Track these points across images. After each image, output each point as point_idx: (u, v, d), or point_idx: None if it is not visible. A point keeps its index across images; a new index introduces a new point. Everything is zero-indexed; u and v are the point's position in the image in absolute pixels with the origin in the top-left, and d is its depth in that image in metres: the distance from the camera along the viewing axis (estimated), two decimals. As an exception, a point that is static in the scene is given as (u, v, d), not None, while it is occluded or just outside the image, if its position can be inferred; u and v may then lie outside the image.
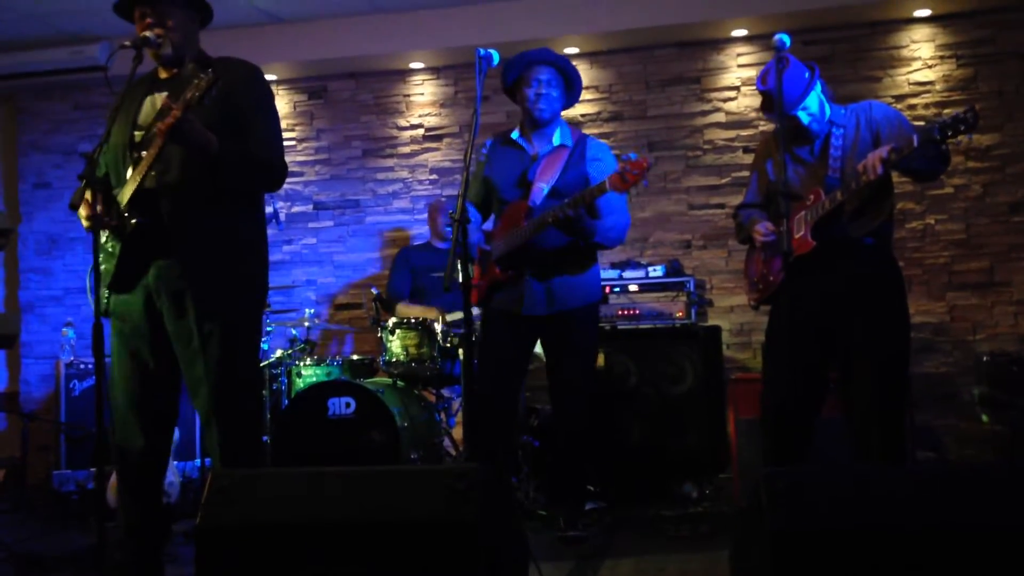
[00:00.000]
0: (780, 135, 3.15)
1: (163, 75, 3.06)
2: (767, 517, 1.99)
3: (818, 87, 3.26)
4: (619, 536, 4.01)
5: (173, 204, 2.91)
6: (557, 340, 3.79)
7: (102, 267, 2.99)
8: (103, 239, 3.00)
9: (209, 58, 3.09)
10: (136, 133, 2.97)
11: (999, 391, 4.48)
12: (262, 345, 5.20)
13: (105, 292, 2.99)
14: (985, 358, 4.69)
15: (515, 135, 3.85)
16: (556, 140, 3.78)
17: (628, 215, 3.81)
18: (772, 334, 3.45)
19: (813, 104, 3.25)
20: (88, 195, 2.82)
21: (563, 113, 3.89)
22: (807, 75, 3.25)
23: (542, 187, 3.69)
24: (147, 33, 2.94)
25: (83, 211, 2.89)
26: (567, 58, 3.85)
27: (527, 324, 3.74)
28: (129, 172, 2.91)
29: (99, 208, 2.83)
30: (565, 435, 3.82)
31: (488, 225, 3.91)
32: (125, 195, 2.89)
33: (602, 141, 3.99)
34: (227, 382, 2.93)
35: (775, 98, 3.20)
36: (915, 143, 2.92)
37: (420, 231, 5.99)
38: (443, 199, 5.66)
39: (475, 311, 4.37)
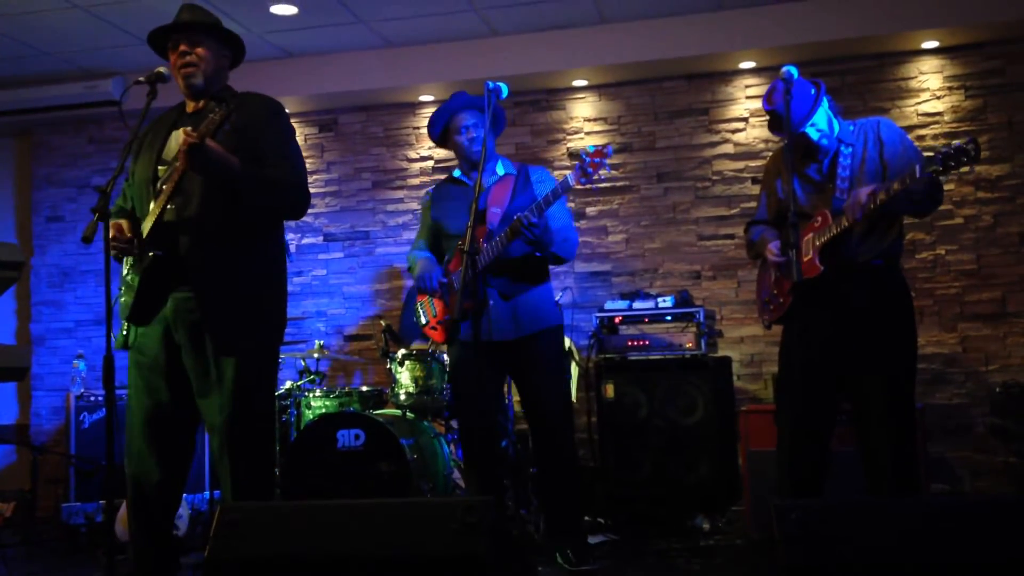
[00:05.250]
0: (788, 159, 3.15)
1: (190, 108, 3.11)
2: (781, 552, 1.97)
3: (825, 103, 3.27)
4: (630, 569, 3.97)
5: (191, 238, 2.92)
6: (526, 366, 3.79)
7: (121, 299, 3.02)
8: (124, 271, 3.03)
9: (234, 93, 3.12)
10: (160, 168, 3.00)
11: (1012, 422, 4.44)
12: (276, 378, 5.20)
13: (125, 325, 3.01)
14: (998, 389, 4.66)
15: (457, 174, 3.96)
16: (500, 171, 3.88)
17: (576, 233, 3.89)
18: (784, 360, 3.43)
19: (821, 120, 3.25)
20: (111, 224, 2.86)
21: (574, 145, 3.93)
22: (812, 91, 3.26)
23: (496, 211, 3.76)
24: (161, 69, 3.00)
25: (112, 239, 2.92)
26: (476, 97, 3.85)
27: (496, 351, 3.73)
28: (151, 205, 2.94)
29: (126, 234, 2.87)
30: (555, 465, 3.80)
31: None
32: (145, 228, 2.92)
33: (541, 166, 4.08)
34: (242, 415, 2.93)
35: (782, 117, 3.21)
36: (917, 173, 2.91)
37: (430, 263, 6.00)
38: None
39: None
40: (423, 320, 3.95)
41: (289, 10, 5.31)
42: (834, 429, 3.30)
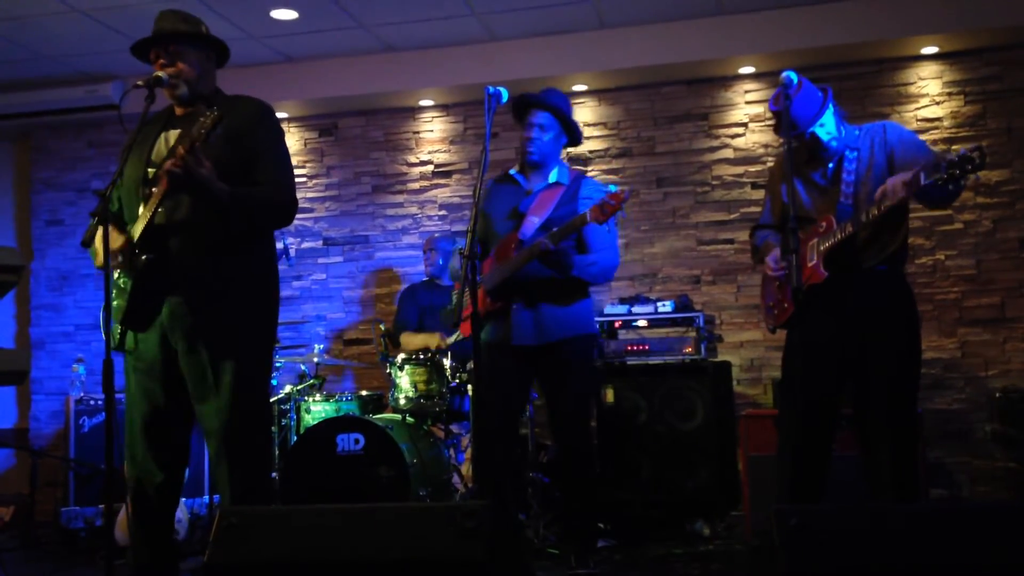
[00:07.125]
0: (788, 164, 3.15)
1: (179, 112, 3.11)
2: (781, 557, 1.97)
3: (831, 108, 3.27)
4: (629, 574, 3.97)
5: (183, 241, 2.92)
6: (550, 372, 3.77)
7: (114, 303, 3.01)
8: (116, 274, 3.02)
9: (224, 96, 3.12)
10: (149, 170, 3.00)
11: (1012, 428, 4.44)
12: (271, 381, 5.20)
13: (118, 328, 3.01)
14: (997, 394, 4.66)
15: (513, 172, 3.92)
16: (553, 178, 3.82)
17: (617, 255, 3.83)
18: (787, 365, 3.42)
19: (830, 121, 3.25)
20: (102, 233, 2.84)
21: (574, 149, 3.92)
22: (820, 95, 3.26)
23: (534, 220, 3.73)
24: (160, 73, 2.99)
25: (99, 248, 2.91)
26: (564, 101, 3.85)
27: (519, 355, 3.73)
28: (141, 208, 2.94)
29: (109, 246, 2.86)
30: (570, 471, 3.79)
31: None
32: (136, 232, 2.92)
33: (599, 182, 4.01)
34: (239, 420, 2.92)
35: (790, 118, 3.20)
36: (921, 181, 2.89)
37: (429, 267, 6.00)
38: (436, 235, 5.67)
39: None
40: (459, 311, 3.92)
41: (289, 15, 5.32)
42: (835, 434, 3.29)
